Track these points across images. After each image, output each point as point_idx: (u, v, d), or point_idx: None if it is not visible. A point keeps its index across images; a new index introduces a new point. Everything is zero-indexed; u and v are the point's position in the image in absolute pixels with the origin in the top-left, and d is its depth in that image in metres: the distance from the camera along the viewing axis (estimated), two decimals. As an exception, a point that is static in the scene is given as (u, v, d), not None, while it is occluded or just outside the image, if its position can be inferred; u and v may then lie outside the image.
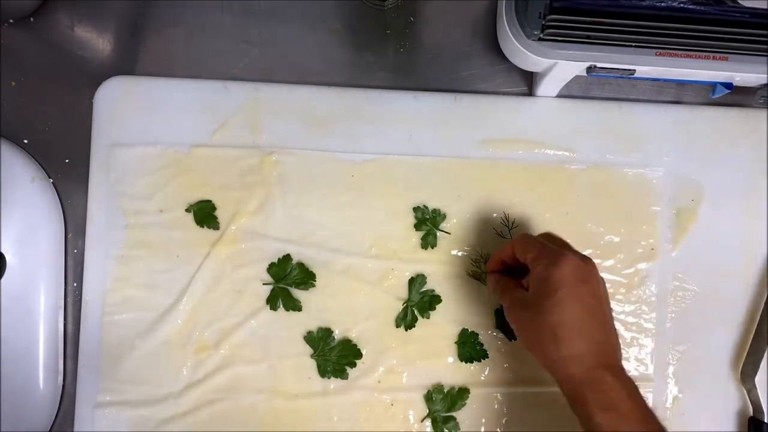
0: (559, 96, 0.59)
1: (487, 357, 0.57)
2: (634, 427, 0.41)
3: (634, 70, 0.50)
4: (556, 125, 0.59)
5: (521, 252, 0.48)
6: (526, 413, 0.57)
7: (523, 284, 0.49)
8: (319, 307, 0.57)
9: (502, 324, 0.57)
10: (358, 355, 0.57)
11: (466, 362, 0.57)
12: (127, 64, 0.59)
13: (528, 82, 0.60)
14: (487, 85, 0.60)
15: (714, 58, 0.49)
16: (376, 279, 0.57)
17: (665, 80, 0.57)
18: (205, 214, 0.57)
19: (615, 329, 0.46)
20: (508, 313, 0.48)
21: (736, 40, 0.48)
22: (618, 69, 0.50)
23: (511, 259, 0.51)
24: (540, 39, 0.49)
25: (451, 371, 0.57)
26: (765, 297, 0.59)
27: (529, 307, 0.45)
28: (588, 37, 0.48)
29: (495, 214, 0.58)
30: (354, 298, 0.57)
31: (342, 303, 0.57)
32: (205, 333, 0.57)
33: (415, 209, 0.58)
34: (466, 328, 0.57)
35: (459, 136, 0.59)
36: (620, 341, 0.57)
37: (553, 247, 0.47)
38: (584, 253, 0.58)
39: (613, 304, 0.58)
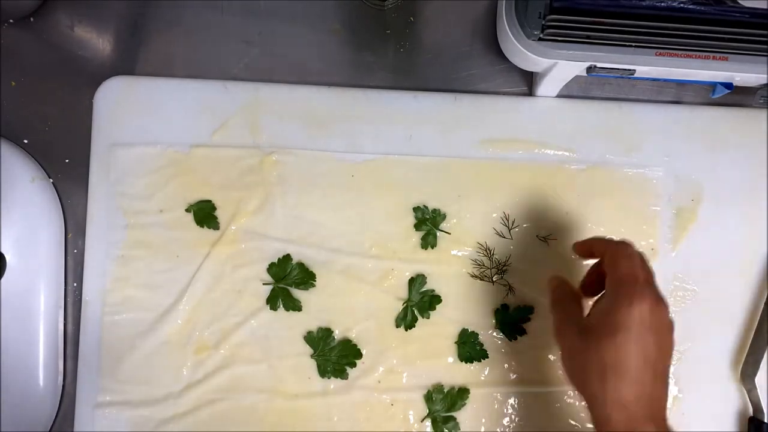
0: (559, 96, 0.59)
1: (487, 357, 0.57)
2: None
3: (634, 70, 0.50)
4: (556, 125, 0.59)
5: (612, 260, 0.44)
6: (526, 413, 0.57)
7: (582, 302, 0.46)
8: (319, 307, 0.57)
9: (502, 324, 0.57)
10: (358, 355, 0.57)
11: (466, 362, 0.57)
12: (127, 64, 0.59)
13: (528, 82, 0.60)
14: (487, 85, 0.60)
15: (714, 58, 0.49)
16: (376, 279, 0.57)
17: (665, 80, 0.57)
18: (205, 214, 0.57)
19: (668, 384, 0.43)
20: (556, 330, 0.45)
21: (736, 40, 0.48)
22: (618, 69, 0.50)
23: (598, 255, 0.47)
24: (540, 39, 0.49)
25: (451, 371, 0.57)
26: (765, 297, 0.59)
27: (584, 336, 0.42)
28: (588, 37, 0.48)
29: (495, 214, 0.58)
30: (354, 298, 0.57)
31: (342, 303, 0.57)
32: (205, 333, 0.57)
33: (415, 209, 0.58)
34: (466, 328, 0.57)
35: (459, 136, 0.59)
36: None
37: (641, 276, 0.42)
38: (584, 253, 0.58)
39: (613, 304, 0.58)
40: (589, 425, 0.58)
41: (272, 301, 0.57)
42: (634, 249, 0.44)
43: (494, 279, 0.58)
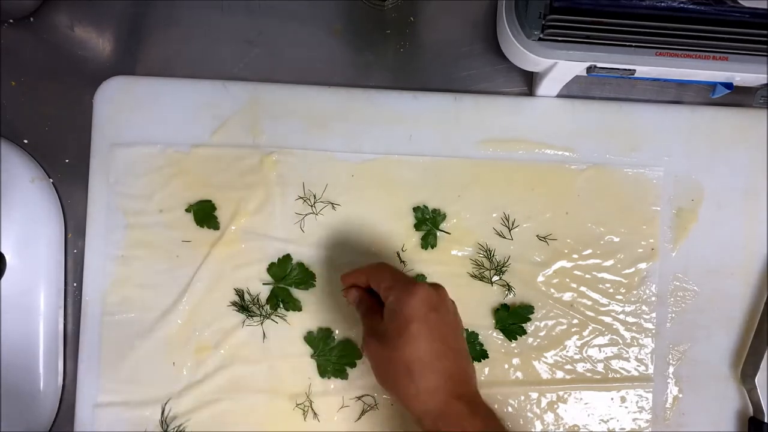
0: (559, 96, 0.59)
1: (487, 357, 0.57)
2: None
3: (634, 70, 0.50)
4: (556, 125, 0.59)
5: (375, 281, 0.48)
6: (526, 413, 0.57)
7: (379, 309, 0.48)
8: (319, 307, 0.57)
9: (502, 324, 0.57)
10: (358, 355, 0.57)
11: (466, 362, 0.57)
12: (127, 64, 0.59)
13: (528, 82, 0.60)
14: (487, 85, 0.60)
15: (714, 58, 0.49)
16: (376, 279, 0.57)
17: (665, 80, 0.57)
18: (205, 214, 0.57)
19: (469, 356, 0.46)
20: (364, 344, 0.46)
21: (736, 40, 0.48)
22: (618, 69, 0.50)
23: (365, 285, 0.50)
24: (540, 39, 0.49)
25: (451, 371, 0.57)
26: (765, 297, 0.59)
27: (383, 343, 0.44)
28: (588, 37, 0.48)
29: (495, 214, 0.58)
30: (354, 298, 0.57)
31: (342, 303, 0.57)
32: (205, 333, 0.57)
33: (415, 209, 0.58)
34: (466, 328, 0.57)
35: (459, 136, 0.59)
36: (619, 339, 0.58)
37: (406, 277, 0.47)
38: (584, 253, 0.58)
39: (613, 304, 0.58)
40: (591, 426, 0.58)
41: (272, 301, 0.57)
42: (383, 265, 0.49)
43: (494, 279, 0.58)
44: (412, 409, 0.43)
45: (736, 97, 0.58)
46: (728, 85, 0.52)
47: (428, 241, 0.57)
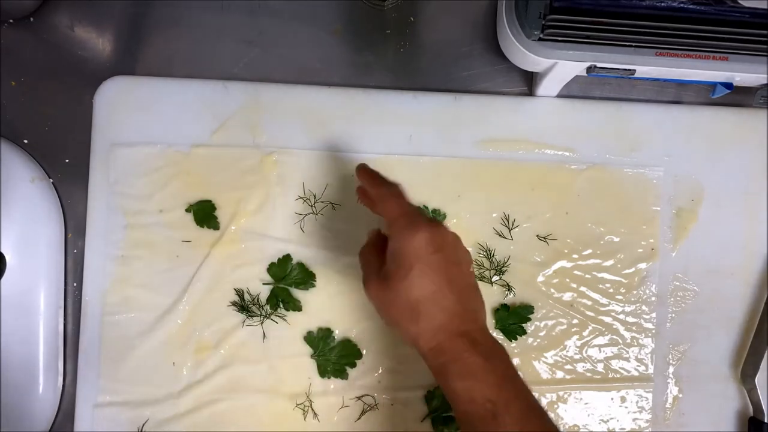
0: (559, 96, 0.59)
1: (487, 357, 0.57)
2: (487, 393, 0.41)
3: (634, 70, 0.50)
4: (556, 125, 0.59)
5: (381, 206, 0.47)
6: (526, 413, 0.57)
7: (380, 248, 0.47)
8: (319, 307, 0.57)
9: (502, 324, 0.57)
10: (358, 355, 0.57)
11: (466, 362, 0.57)
12: (127, 64, 0.59)
13: (528, 82, 0.60)
14: (487, 85, 0.60)
15: (714, 58, 0.49)
16: (376, 279, 0.57)
17: (665, 80, 0.57)
18: (205, 214, 0.57)
19: (476, 290, 0.46)
20: (366, 285, 0.46)
21: (736, 40, 0.48)
22: (618, 69, 0.50)
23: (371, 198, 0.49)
24: (540, 39, 0.49)
25: (451, 371, 0.57)
26: (765, 297, 0.59)
27: (386, 285, 0.43)
28: (588, 37, 0.48)
29: (495, 214, 0.58)
30: (354, 298, 0.57)
31: (342, 303, 0.57)
32: (205, 333, 0.57)
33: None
34: (466, 328, 0.57)
35: (459, 136, 0.59)
36: (619, 339, 0.58)
37: (411, 210, 0.45)
38: (584, 253, 0.58)
39: (613, 304, 0.58)
40: (591, 426, 0.58)
41: (272, 301, 0.57)
42: (395, 187, 0.47)
43: (494, 279, 0.58)
44: (419, 348, 0.43)
45: (736, 97, 0.58)
46: (728, 85, 0.52)
47: (428, 241, 0.57)
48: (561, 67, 0.50)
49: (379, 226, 0.49)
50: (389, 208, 0.46)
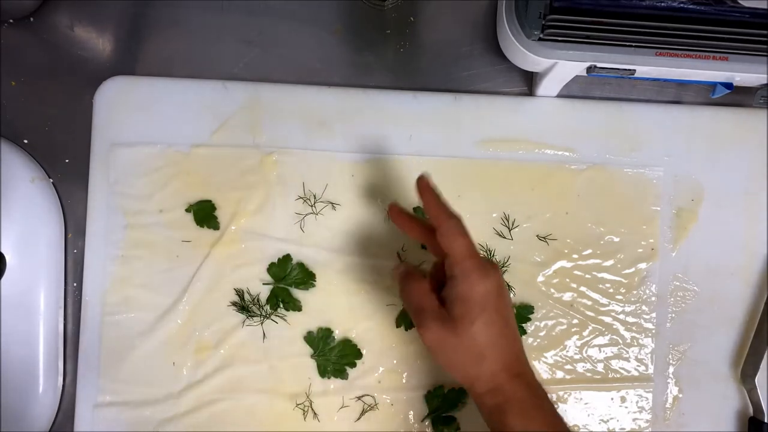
0: (559, 96, 0.59)
1: (487, 357, 0.57)
2: (542, 429, 0.43)
3: (634, 70, 0.50)
4: (556, 125, 0.59)
5: (446, 239, 0.44)
6: (526, 413, 0.57)
7: (433, 289, 0.46)
8: (319, 307, 0.57)
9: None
10: (358, 355, 0.57)
11: (466, 362, 0.57)
12: (127, 64, 0.59)
13: (528, 82, 0.60)
14: (487, 85, 0.60)
15: (714, 58, 0.49)
16: (376, 279, 0.57)
17: (665, 80, 0.57)
18: (205, 214, 0.57)
19: (516, 327, 0.46)
20: (418, 325, 0.44)
21: (736, 40, 0.48)
22: (618, 69, 0.50)
23: (418, 232, 0.48)
24: (540, 39, 0.49)
25: (451, 371, 0.57)
26: (765, 297, 0.59)
27: (450, 329, 0.43)
28: (588, 37, 0.48)
29: (495, 214, 0.58)
30: (354, 298, 0.57)
31: (342, 303, 0.57)
32: (205, 333, 0.57)
33: (415, 209, 0.57)
34: (466, 328, 0.57)
35: (459, 136, 0.59)
36: (619, 339, 0.58)
37: (476, 251, 0.44)
38: (584, 253, 0.58)
39: (613, 304, 0.58)
40: (591, 426, 0.58)
41: (272, 301, 0.57)
42: (461, 224, 0.45)
43: (494, 279, 0.58)
44: (473, 387, 0.44)
45: (736, 97, 0.58)
46: (728, 85, 0.52)
47: (428, 241, 0.57)
48: (561, 67, 0.50)
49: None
50: (456, 247, 0.44)
